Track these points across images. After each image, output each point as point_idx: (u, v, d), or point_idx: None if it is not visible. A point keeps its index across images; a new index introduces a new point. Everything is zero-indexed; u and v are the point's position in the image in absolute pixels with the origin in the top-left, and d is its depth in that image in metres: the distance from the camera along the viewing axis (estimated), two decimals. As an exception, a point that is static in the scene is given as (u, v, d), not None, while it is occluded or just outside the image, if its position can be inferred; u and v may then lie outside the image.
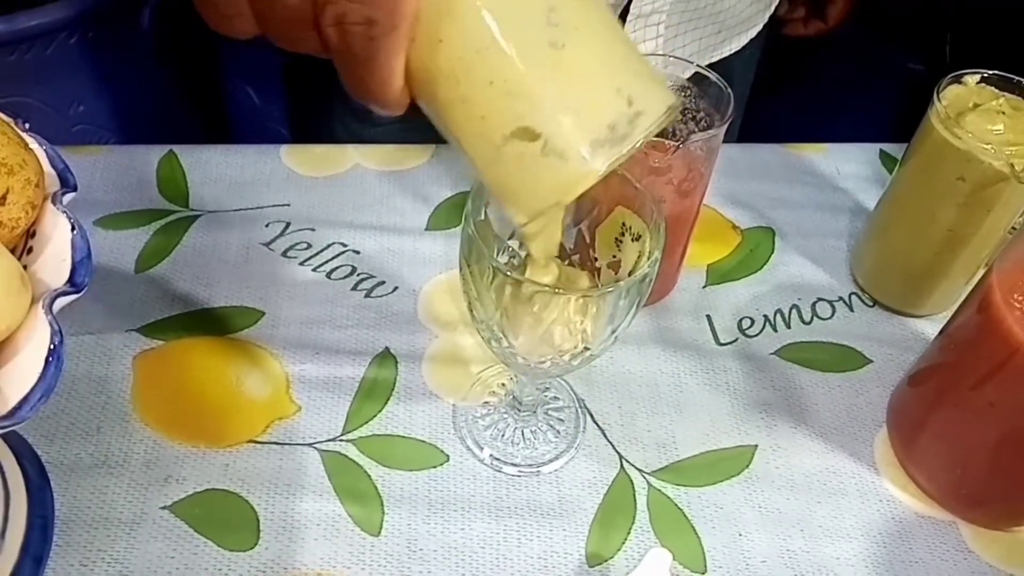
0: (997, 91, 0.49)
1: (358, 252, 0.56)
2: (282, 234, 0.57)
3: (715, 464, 0.48)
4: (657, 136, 0.32)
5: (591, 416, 0.49)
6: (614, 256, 0.40)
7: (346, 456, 0.46)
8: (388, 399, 0.49)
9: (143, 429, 0.47)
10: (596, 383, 0.51)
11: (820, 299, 0.56)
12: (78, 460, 0.45)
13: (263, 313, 0.52)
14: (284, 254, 0.56)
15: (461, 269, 0.37)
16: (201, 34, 1.26)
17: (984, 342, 0.41)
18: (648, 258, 0.36)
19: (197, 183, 0.59)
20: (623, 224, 0.39)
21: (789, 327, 0.55)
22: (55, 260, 0.31)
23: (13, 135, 0.31)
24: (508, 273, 0.35)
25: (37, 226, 0.32)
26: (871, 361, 0.53)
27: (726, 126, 0.45)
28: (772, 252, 0.59)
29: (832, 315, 0.56)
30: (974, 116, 0.47)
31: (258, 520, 0.44)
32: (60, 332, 0.29)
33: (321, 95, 0.72)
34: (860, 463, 0.49)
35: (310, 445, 0.47)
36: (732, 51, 0.68)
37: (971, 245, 0.50)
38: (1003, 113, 0.47)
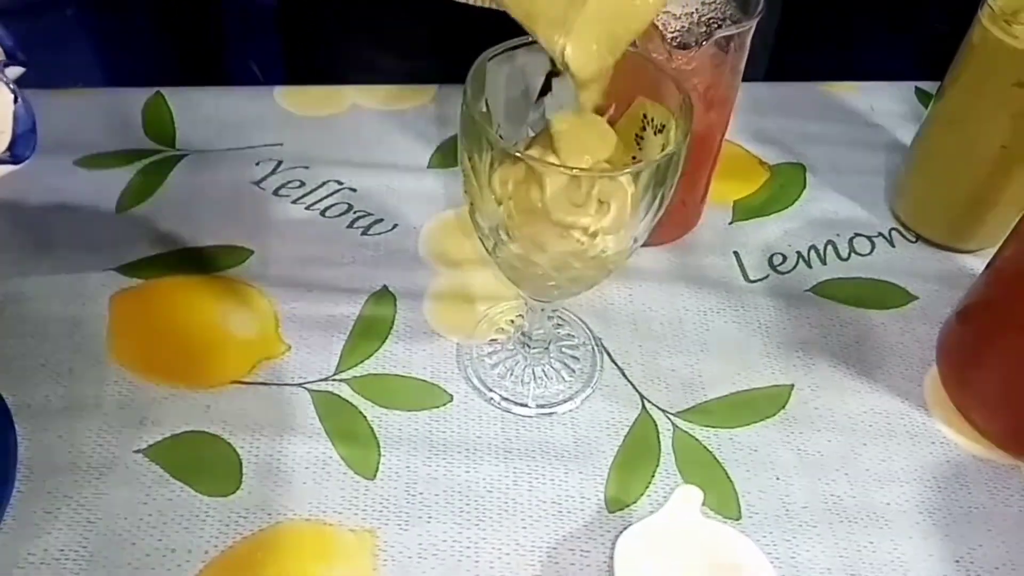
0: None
1: (355, 190, 0.52)
2: (273, 172, 0.53)
3: (747, 404, 0.43)
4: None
5: (608, 355, 0.45)
6: (633, 157, 0.36)
7: (339, 396, 0.42)
8: (386, 338, 0.45)
9: (118, 371, 0.43)
10: (614, 321, 0.46)
11: (858, 234, 0.52)
12: (46, 403, 0.41)
13: (251, 252, 0.48)
14: (275, 192, 0.52)
15: (461, 163, 0.33)
16: (204, 15, 1.23)
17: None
18: (674, 142, 0.32)
19: (185, 124, 0.56)
20: (643, 117, 0.35)
21: (825, 263, 0.50)
22: (-8, 133, 0.27)
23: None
24: (518, 154, 0.30)
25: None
26: (916, 298, 0.48)
27: (755, 21, 0.40)
28: (803, 188, 0.54)
29: (872, 251, 0.51)
30: (1031, 14, 0.43)
31: (240, 464, 0.40)
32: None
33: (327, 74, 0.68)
34: (909, 403, 0.44)
35: (299, 385, 0.43)
36: None
37: (1028, 163, 0.45)
38: (1064, 9, 0.42)
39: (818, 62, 0.70)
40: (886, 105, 0.60)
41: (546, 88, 0.37)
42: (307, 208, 0.51)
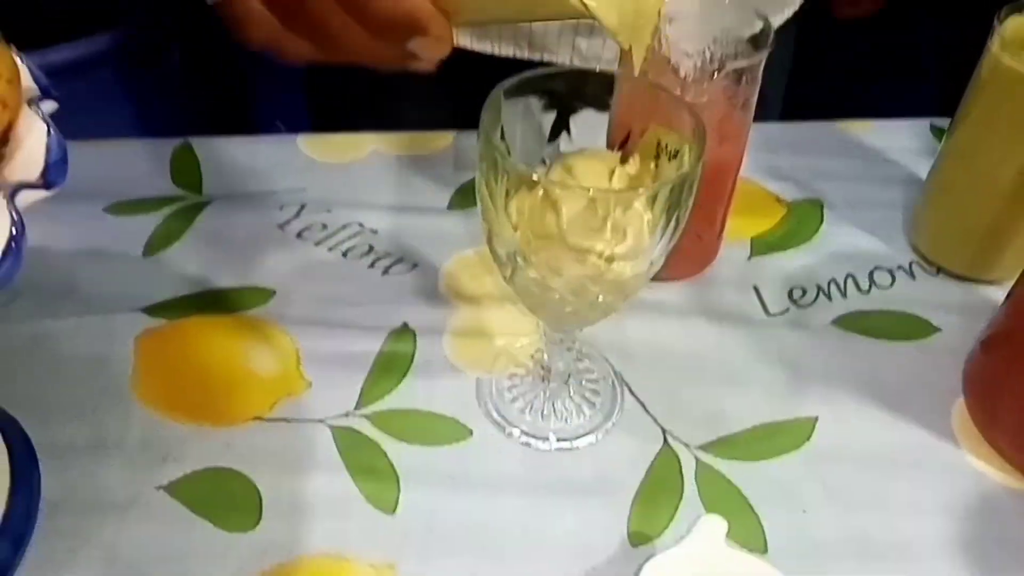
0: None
1: (376, 232, 0.53)
2: (297, 216, 0.54)
3: (771, 437, 0.43)
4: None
5: (629, 389, 0.45)
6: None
7: (359, 432, 0.42)
8: (406, 373, 0.45)
9: (142, 409, 0.43)
10: (634, 355, 0.46)
11: (877, 267, 0.52)
12: (71, 442, 0.42)
13: (274, 292, 0.49)
14: (298, 235, 0.53)
15: (478, 190, 0.34)
16: (230, 72, 1.27)
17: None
18: (688, 164, 0.32)
19: (211, 171, 0.57)
20: (658, 144, 0.35)
21: (845, 296, 0.50)
22: (28, 163, 0.28)
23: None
24: (535, 176, 0.31)
25: (11, 132, 0.29)
26: (940, 330, 0.48)
27: (765, 55, 0.41)
28: (821, 223, 0.54)
29: (892, 283, 0.51)
30: (1041, 43, 0.43)
31: (261, 499, 0.39)
32: (22, 225, 0.26)
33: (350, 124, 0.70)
34: (938, 435, 0.43)
35: (320, 421, 0.43)
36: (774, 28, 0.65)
37: (1047, 190, 0.45)
38: (1073, 38, 0.43)
39: (833, 102, 0.71)
40: (902, 141, 0.60)
41: (561, 126, 0.38)
42: (329, 250, 0.52)
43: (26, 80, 0.31)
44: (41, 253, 0.51)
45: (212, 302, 0.49)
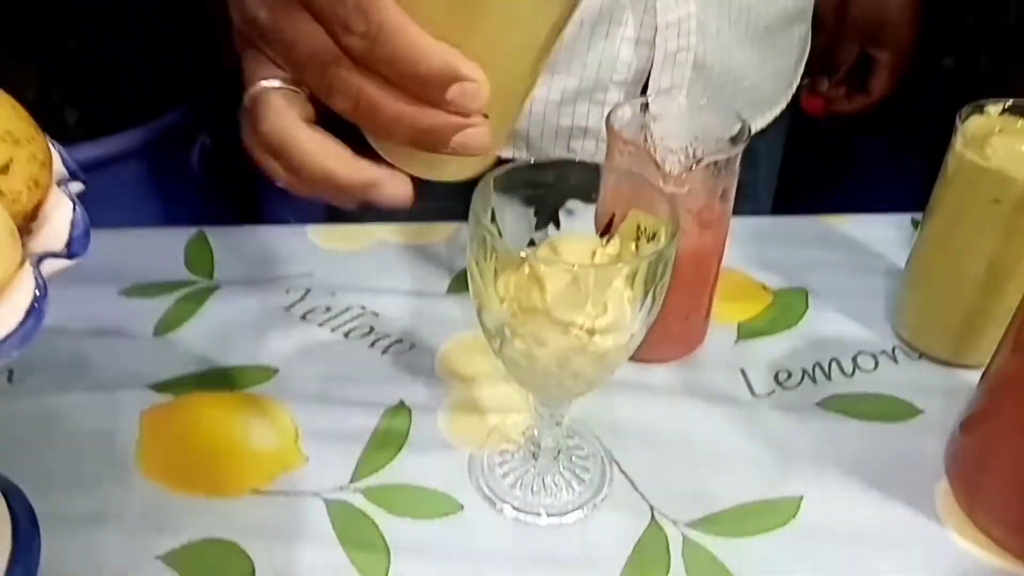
0: (1020, 117, 0.48)
1: (377, 314, 0.55)
2: (302, 299, 0.56)
3: (757, 515, 0.43)
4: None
5: (618, 466, 0.46)
6: (629, 267, 0.38)
7: (352, 505, 0.43)
8: (400, 449, 0.46)
9: (145, 481, 0.45)
10: (623, 434, 0.47)
11: (861, 352, 0.53)
12: (74, 512, 0.43)
13: (277, 370, 0.51)
14: (303, 317, 0.55)
15: (469, 268, 0.36)
16: (246, 172, 1.33)
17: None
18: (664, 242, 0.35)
19: (223, 258, 0.60)
20: (638, 227, 0.38)
21: (830, 379, 0.51)
22: (54, 235, 0.30)
23: (25, 115, 0.31)
24: (522, 254, 0.33)
25: (40, 209, 0.32)
26: (922, 411, 0.49)
27: (741, 148, 0.44)
28: (806, 309, 0.56)
29: (876, 367, 0.52)
30: (1000, 138, 0.46)
31: (254, 570, 0.40)
32: (45, 288, 0.28)
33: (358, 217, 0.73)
34: (922, 514, 0.44)
35: (315, 495, 0.44)
36: (756, 130, 0.68)
37: (1017, 277, 0.47)
38: (1030, 134, 0.46)
39: (820, 199, 0.74)
40: (884, 234, 0.63)
41: (548, 213, 0.40)
42: (332, 331, 0.54)
43: (57, 164, 0.34)
44: (55, 332, 0.53)
45: (217, 379, 0.50)
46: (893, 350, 0.53)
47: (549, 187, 0.39)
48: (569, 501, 0.44)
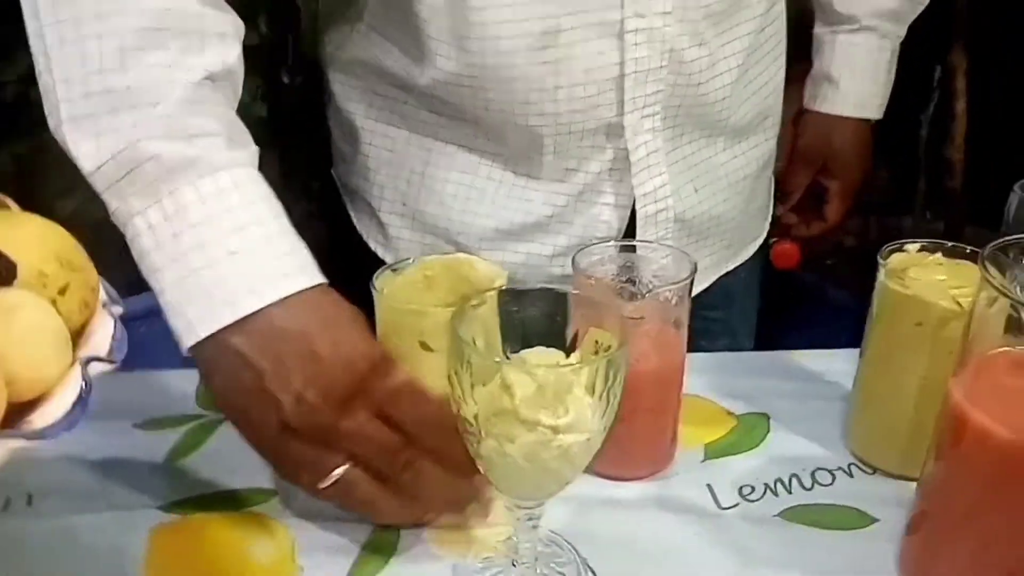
0: (934, 254, 0.55)
1: (371, 440, 0.60)
2: (302, 428, 0.61)
3: (723, 615, 0.46)
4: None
5: (593, 573, 0.49)
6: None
7: (344, 610, 0.46)
8: (389, 559, 0.50)
9: (149, 592, 0.48)
10: (598, 544, 0.51)
11: (819, 468, 0.57)
12: (81, 623, 0.46)
13: (275, 492, 0.55)
14: (302, 444, 0.59)
15: (448, 377, 0.41)
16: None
17: (960, 456, 0.43)
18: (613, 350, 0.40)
19: (231, 394, 0.65)
20: (596, 342, 0.43)
21: (790, 492, 0.55)
22: (99, 344, 0.37)
23: (80, 248, 0.38)
24: (496, 359, 0.39)
25: (87, 328, 0.38)
26: (878, 520, 0.53)
27: (691, 277, 0.50)
28: (768, 431, 0.61)
29: (833, 481, 0.56)
30: (917, 270, 0.53)
31: (249, 670, 0.43)
32: (89, 386, 0.34)
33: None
34: (878, 612, 0.46)
35: (309, 601, 0.47)
36: (741, 262, 0.76)
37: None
38: (941, 265, 0.53)
39: (791, 339, 0.80)
40: (838, 366, 0.68)
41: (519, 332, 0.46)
42: (328, 456, 0.58)
43: (101, 292, 0.41)
44: (73, 460, 0.58)
45: (221, 500, 0.54)
46: (849, 467, 0.58)
47: (519, 311, 0.45)
48: (547, 605, 0.46)
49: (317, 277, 0.45)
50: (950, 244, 0.54)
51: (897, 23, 0.83)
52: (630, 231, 0.70)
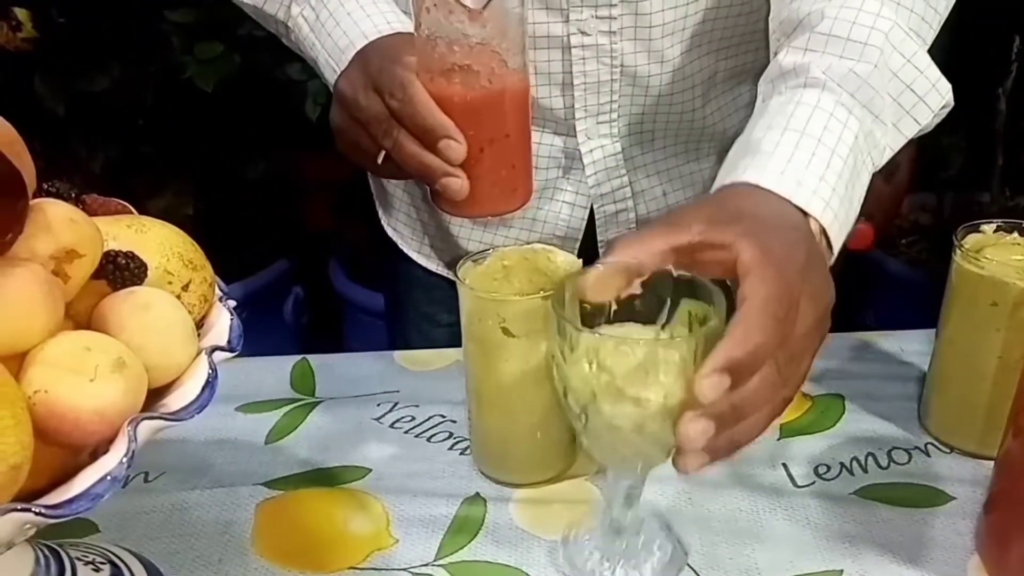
0: (1010, 234, 0.55)
1: (455, 421, 0.63)
2: (390, 411, 0.65)
3: (800, 587, 0.48)
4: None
5: (680, 546, 0.51)
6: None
7: (437, 577, 0.50)
8: (477, 532, 0.53)
9: (258, 560, 0.52)
10: (679, 519, 0.53)
11: (895, 448, 0.58)
12: (200, 585, 0.50)
13: (370, 470, 0.59)
14: (391, 426, 0.63)
15: (553, 357, 0.44)
16: (330, 319, 1.46)
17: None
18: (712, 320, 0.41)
19: (323, 379, 0.69)
20: (690, 314, 0.45)
21: (866, 472, 0.56)
22: (219, 335, 0.40)
23: (198, 248, 0.42)
24: (579, 328, 0.41)
25: (206, 319, 0.42)
26: (954, 498, 0.53)
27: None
28: (843, 412, 0.62)
29: (909, 460, 0.57)
30: (993, 250, 0.53)
31: (353, 631, 0.46)
32: (215, 372, 0.37)
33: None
34: (955, 586, 0.47)
35: (404, 570, 0.50)
36: None
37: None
38: (1018, 245, 0.53)
39: (858, 319, 0.80)
40: (913, 346, 0.69)
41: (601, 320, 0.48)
42: (416, 436, 0.62)
43: (216, 288, 0.44)
44: (182, 442, 0.62)
45: (320, 478, 0.58)
46: (926, 446, 0.58)
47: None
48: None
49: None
50: (1027, 224, 0.55)
51: None
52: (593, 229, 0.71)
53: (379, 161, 0.54)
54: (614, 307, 0.45)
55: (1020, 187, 1.31)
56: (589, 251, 0.70)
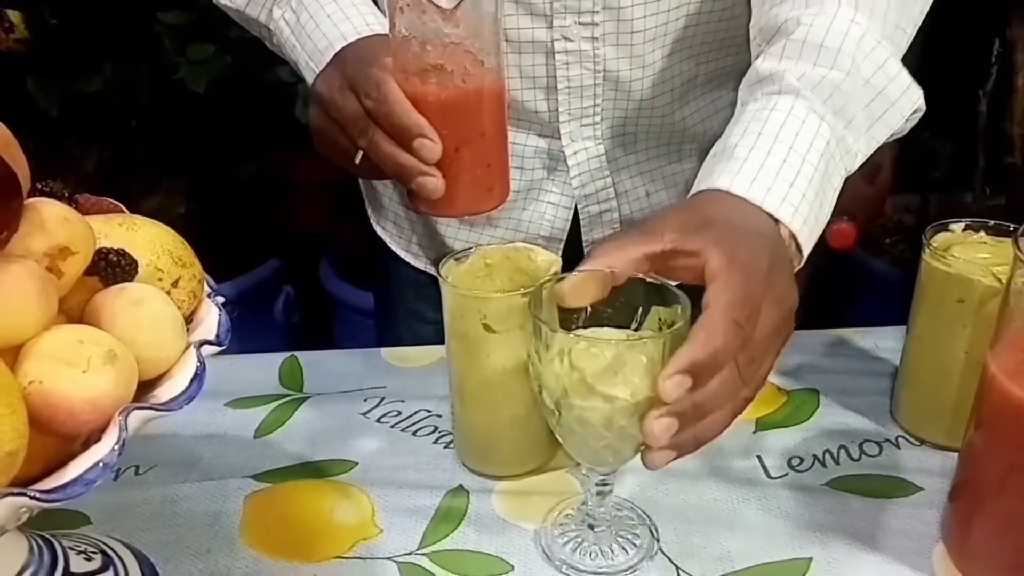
0: (978, 232, 0.57)
1: (440, 416, 0.64)
2: (377, 406, 0.66)
3: (771, 574, 0.49)
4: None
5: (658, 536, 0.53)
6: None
7: (420, 566, 0.51)
8: (460, 522, 0.54)
9: (246, 549, 0.53)
10: (655, 509, 0.54)
11: (867, 440, 0.60)
12: (189, 574, 0.52)
13: (356, 463, 0.60)
14: (378, 420, 0.65)
15: (529, 357, 0.45)
16: (320, 318, 1.48)
17: (997, 426, 0.45)
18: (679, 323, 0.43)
19: (311, 375, 0.71)
20: (659, 319, 0.46)
21: (838, 463, 0.58)
22: (208, 329, 0.41)
23: (187, 245, 0.43)
24: (555, 329, 0.43)
25: (195, 315, 0.43)
26: (922, 489, 0.55)
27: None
28: (817, 406, 0.64)
29: (880, 453, 0.59)
30: (960, 248, 0.55)
31: (338, 618, 0.48)
32: (203, 365, 0.38)
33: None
34: (921, 572, 0.49)
35: (389, 559, 0.52)
36: None
37: (989, 365, 0.54)
38: (985, 243, 0.55)
39: (842, 318, 0.82)
40: (887, 343, 0.70)
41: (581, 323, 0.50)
42: (402, 430, 0.63)
43: (205, 285, 0.46)
44: (173, 436, 0.64)
45: (308, 471, 0.60)
46: (896, 439, 0.60)
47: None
48: (624, 563, 0.51)
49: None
50: (992, 223, 0.56)
51: None
52: (577, 229, 0.72)
53: (357, 161, 0.55)
54: (589, 311, 0.47)
55: (1002, 187, 1.34)
56: (574, 251, 0.72)
